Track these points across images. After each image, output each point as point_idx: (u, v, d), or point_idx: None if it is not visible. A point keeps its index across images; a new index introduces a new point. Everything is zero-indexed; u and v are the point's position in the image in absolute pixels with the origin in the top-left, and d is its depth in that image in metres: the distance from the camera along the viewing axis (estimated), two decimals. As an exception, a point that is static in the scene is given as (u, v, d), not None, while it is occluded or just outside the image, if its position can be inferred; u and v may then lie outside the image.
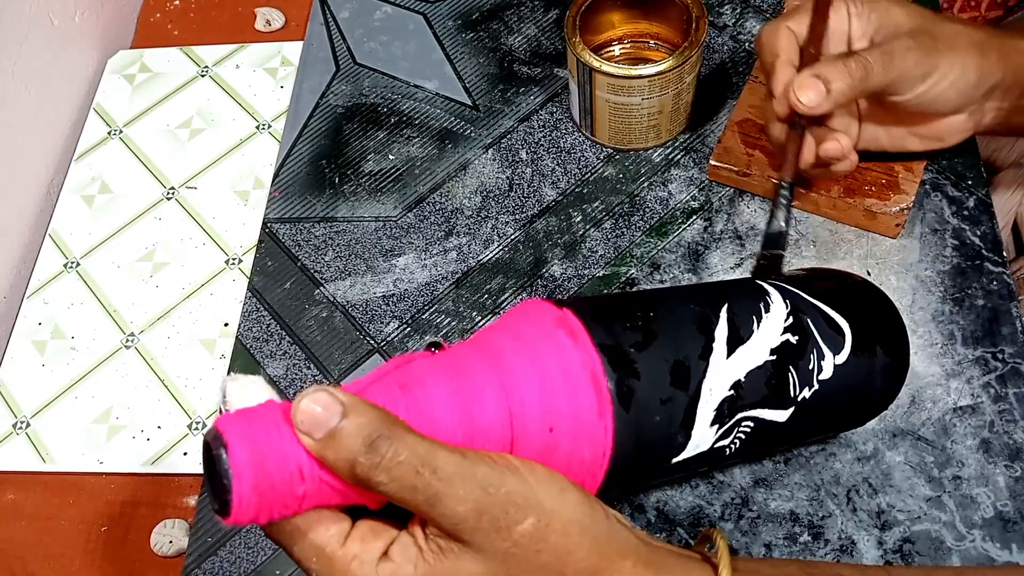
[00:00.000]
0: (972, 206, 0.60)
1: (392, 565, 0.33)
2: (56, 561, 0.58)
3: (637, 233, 0.62)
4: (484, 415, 0.35)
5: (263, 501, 0.31)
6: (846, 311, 0.44)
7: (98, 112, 0.76)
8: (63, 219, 0.71)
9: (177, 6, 0.83)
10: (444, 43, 0.73)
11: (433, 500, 0.31)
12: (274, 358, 0.60)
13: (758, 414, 0.41)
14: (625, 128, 0.63)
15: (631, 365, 0.37)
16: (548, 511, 0.33)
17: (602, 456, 0.37)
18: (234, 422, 0.32)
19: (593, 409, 0.36)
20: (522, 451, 0.35)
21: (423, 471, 0.31)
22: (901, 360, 0.46)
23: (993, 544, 0.49)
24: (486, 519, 0.32)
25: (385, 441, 0.31)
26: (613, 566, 0.34)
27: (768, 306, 0.42)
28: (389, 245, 0.63)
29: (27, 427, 0.62)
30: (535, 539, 0.32)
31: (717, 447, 0.40)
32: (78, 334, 0.65)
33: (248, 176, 0.71)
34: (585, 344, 0.37)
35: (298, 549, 0.33)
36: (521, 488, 0.33)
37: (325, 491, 0.32)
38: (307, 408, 0.31)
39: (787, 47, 0.51)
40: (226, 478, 0.30)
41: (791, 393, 0.42)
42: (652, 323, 0.39)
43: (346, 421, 0.31)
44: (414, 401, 0.34)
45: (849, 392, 0.44)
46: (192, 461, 0.60)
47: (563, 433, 0.36)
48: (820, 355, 0.42)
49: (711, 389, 0.39)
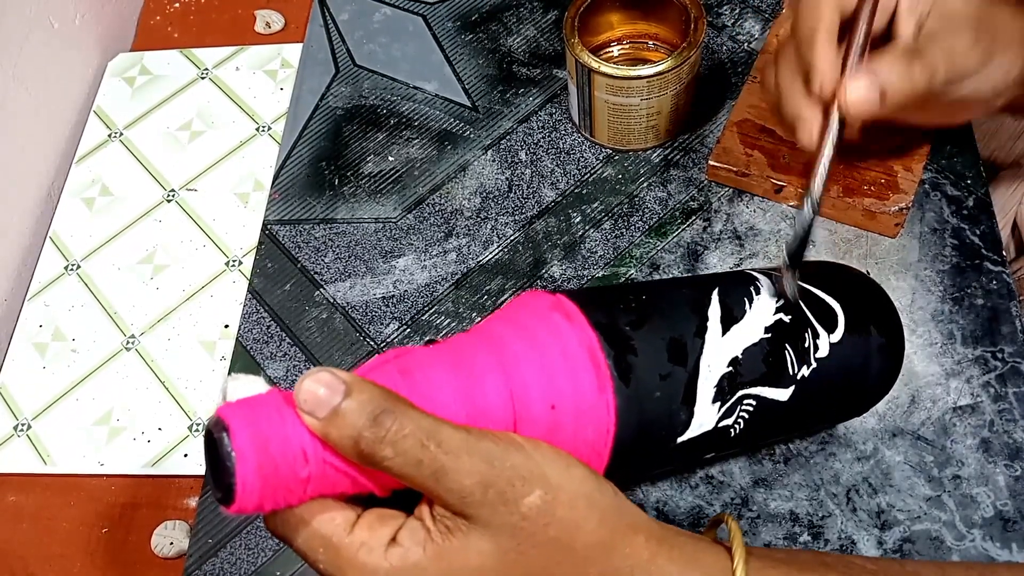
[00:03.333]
0: (972, 205, 0.60)
1: (401, 549, 0.32)
2: (57, 562, 0.58)
3: (636, 233, 0.62)
4: (485, 397, 0.35)
5: (267, 484, 0.30)
6: (836, 293, 0.45)
7: (98, 114, 0.76)
8: (63, 221, 0.71)
9: (177, 9, 0.83)
10: (443, 45, 0.73)
11: (439, 474, 0.31)
12: (274, 360, 0.60)
13: (759, 392, 0.41)
14: (624, 129, 0.63)
15: (628, 342, 0.38)
16: (554, 485, 0.32)
17: (606, 433, 0.37)
18: (235, 407, 0.31)
19: (593, 385, 0.36)
20: (526, 431, 0.35)
21: (428, 444, 0.31)
22: (896, 340, 0.46)
23: (993, 544, 0.49)
24: (492, 492, 0.31)
25: (389, 415, 0.31)
26: (625, 540, 0.33)
27: (758, 289, 0.43)
28: (389, 246, 0.63)
29: (28, 429, 0.62)
30: (543, 512, 0.32)
31: (721, 427, 0.41)
32: (79, 336, 0.66)
33: (248, 178, 0.71)
34: (581, 323, 0.37)
35: (303, 541, 0.33)
36: (526, 462, 0.32)
37: (330, 474, 0.32)
38: (309, 388, 0.31)
39: (830, 15, 0.44)
40: (229, 461, 0.30)
41: (789, 371, 0.42)
42: (645, 305, 0.40)
43: (349, 399, 0.31)
44: (415, 385, 0.34)
45: (847, 371, 0.44)
46: (193, 463, 0.60)
47: (565, 411, 0.36)
48: (815, 333, 0.43)
49: (709, 365, 0.40)
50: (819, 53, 0.44)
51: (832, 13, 0.44)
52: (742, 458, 0.53)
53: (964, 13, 0.44)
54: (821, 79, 0.44)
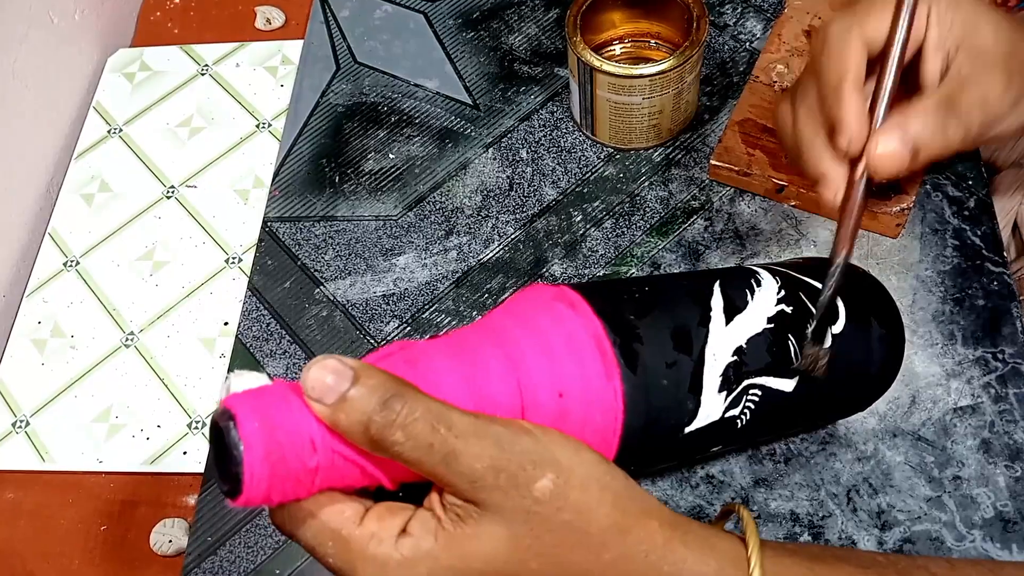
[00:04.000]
0: (972, 206, 0.60)
1: (412, 539, 0.32)
2: (55, 560, 0.58)
3: (637, 233, 0.62)
4: (492, 385, 0.35)
5: (275, 474, 0.30)
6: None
7: (98, 110, 0.76)
8: (63, 218, 0.71)
9: (177, 4, 0.83)
10: (445, 42, 0.73)
11: (450, 458, 0.30)
12: (274, 357, 0.60)
13: (764, 382, 0.42)
14: (626, 127, 0.63)
15: (633, 330, 0.38)
16: (566, 468, 0.32)
17: (614, 421, 0.37)
18: (242, 397, 0.31)
19: (601, 372, 0.36)
20: (533, 419, 0.35)
21: (439, 427, 0.30)
22: (896, 332, 0.47)
23: (993, 544, 0.49)
24: (504, 476, 0.31)
25: (399, 399, 0.30)
26: (639, 524, 0.33)
27: (759, 282, 0.43)
28: (389, 244, 0.63)
29: (26, 426, 0.62)
30: (555, 496, 0.32)
31: (728, 417, 0.41)
32: (78, 333, 0.65)
33: (248, 175, 0.71)
34: (585, 312, 0.37)
35: (311, 535, 0.32)
36: (536, 446, 0.32)
37: (339, 464, 0.31)
38: (317, 375, 0.30)
39: (858, 63, 0.41)
40: (236, 450, 0.29)
41: (793, 361, 0.42)
42: (648, 295, 0.40)
43: (358, 385, 0.30)
44: (421, 374, 0.34)
45: (850, 362, 0.45)
46: (192, 460, 0.60)
47: (573, 398, 0.36)
48: None
49: (714, 354, 0.40)
50: (847, 107, 0.40)
51: (860, 60, 0.41)
52: (742, 458, 0.53)
53: (995, 52, 0.41)
54: (849, 136, 0.41)
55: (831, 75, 0.41)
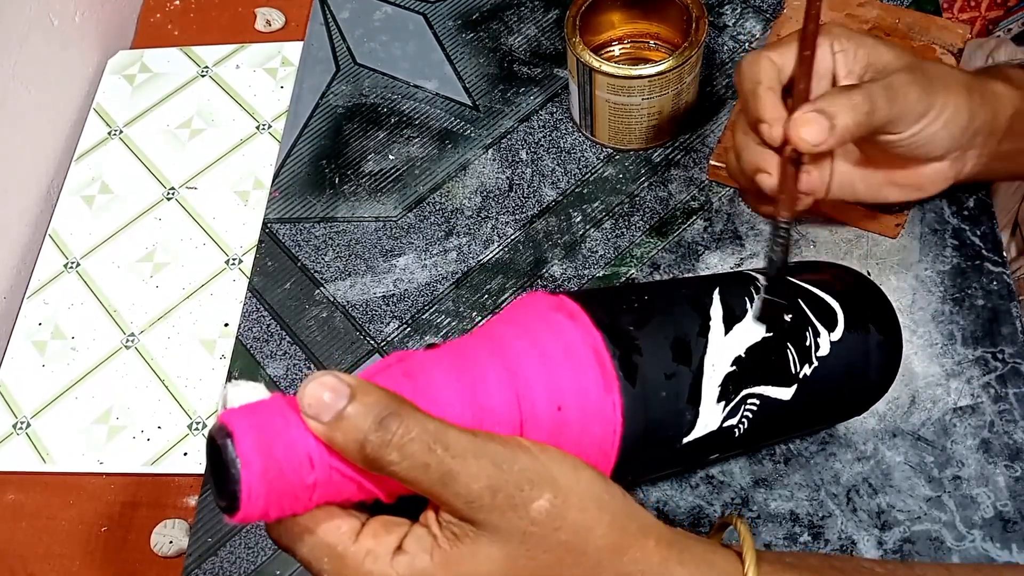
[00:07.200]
0: (972, 206, 0.60)
1: (407, 557, 0.32)
2: (56, 561, 0.58)
3: (637, 233, 0.62)
4: (491, 398, 0.35)
5: (272, 490, 0.30)
6: (834, 292, 0.45)
7: (98, 112, 0.76)
8: (63, 219, 0.71)
9: (177, 6, 0.83)
10: (444, 43, 0.73)
11: (447, 478, 0.30)
12: (274, 358, 0.60)
13: (762, 391, 0.42)
14: (625, 128, 0.63)
15: (632, 341, 0.38)
16: (564, 488, 0.32)
17: (613, 434, 0.37)
18: (239, 413, 0.31)
19: (599, 384, 0.36)
20: (533, 432, 0.35)
21: (435, 447, 0.30)
22: (894, 338, 0.47)
23: (993, 544, 0.49)
24: (501, 496, 0.31)
25: (395, 419, 0.30)
26: (636, 543, 0.33)
27: (759, 289, 0.43)
28: (389, 245, 0.63)
29: (27, 427, 0.62)
30: (553, 516, 0.32)
31: (726, 427, 0.41)
32: (78, 334, 0.65)
33: (248, 176, 0.71)
34: (585, 323, 0.37)
35: (307, 550, 0.32)
36: (534, 465, 0.32)
37: (336, 480, 0.31)
38: (313, 392, 0.30)
39: (768, 74, 0.46)
40: (233, 467, 0.29)
41: (792, 369, 0.42)
42: (648, 305, 0.40)
43: (354, 403, 0.30)
44: (419, 388, 0.34)
45: (848, 369, 0.45)
46: (192, 461, 0.60)
47: (572, 411, 0.36)
48: (815, 332, 0.43)
49: (713, 364, 0.40)
50: (764, 103, 0.45)
51: (770, 71, 0.46)
52: (742, 458, 0.53)
53: (895, 63, 0.46)
54: (770, 124, 0.45)
55: (747, 85, 0.46)
